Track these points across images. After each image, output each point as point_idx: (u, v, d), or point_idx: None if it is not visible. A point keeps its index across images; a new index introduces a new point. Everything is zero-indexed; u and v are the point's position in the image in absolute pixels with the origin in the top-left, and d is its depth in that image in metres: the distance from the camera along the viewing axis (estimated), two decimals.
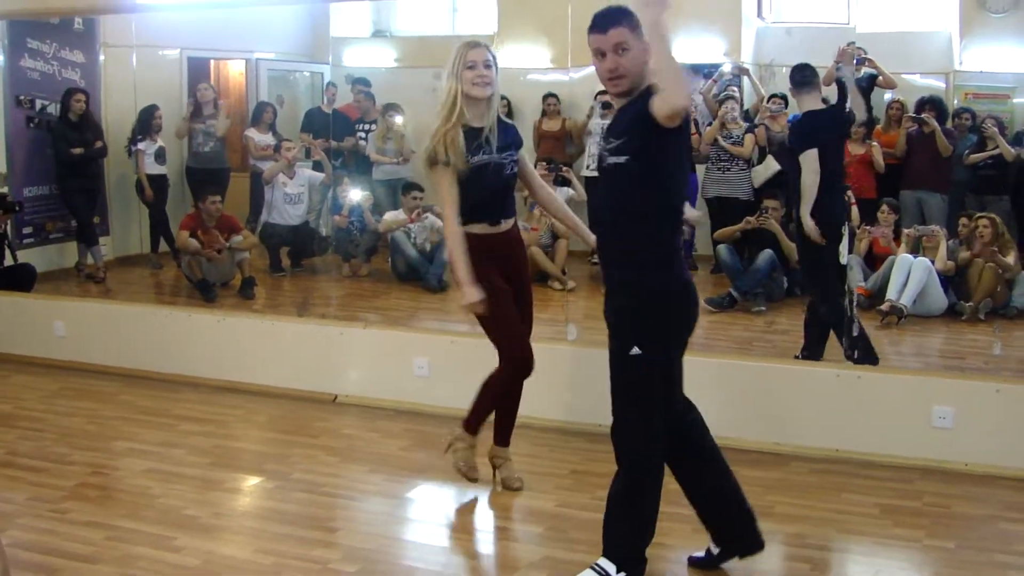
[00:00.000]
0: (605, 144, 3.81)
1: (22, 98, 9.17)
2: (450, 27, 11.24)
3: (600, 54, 3.69)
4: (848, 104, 6.68)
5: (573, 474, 5.31)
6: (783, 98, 9.08)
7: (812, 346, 6.36)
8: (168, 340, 7.19)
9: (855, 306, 6.21)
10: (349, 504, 5.01)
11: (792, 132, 6.85)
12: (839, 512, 4.82)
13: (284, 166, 9.35)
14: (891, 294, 7.60)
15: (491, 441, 5.10)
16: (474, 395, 4.94)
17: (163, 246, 9.75)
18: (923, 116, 8.44)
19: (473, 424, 4.96)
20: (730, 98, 9.21)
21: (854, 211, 7.49)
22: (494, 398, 4.93)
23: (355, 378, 6.61)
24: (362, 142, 10.18)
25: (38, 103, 9.28)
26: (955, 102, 9.08)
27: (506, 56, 10.52)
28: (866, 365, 5.98)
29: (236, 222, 9.14)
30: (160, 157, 9.67)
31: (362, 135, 10.24)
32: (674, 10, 3.49)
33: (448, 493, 5.00)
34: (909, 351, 7.31)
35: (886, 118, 8.83)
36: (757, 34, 10.21)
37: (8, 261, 8.56)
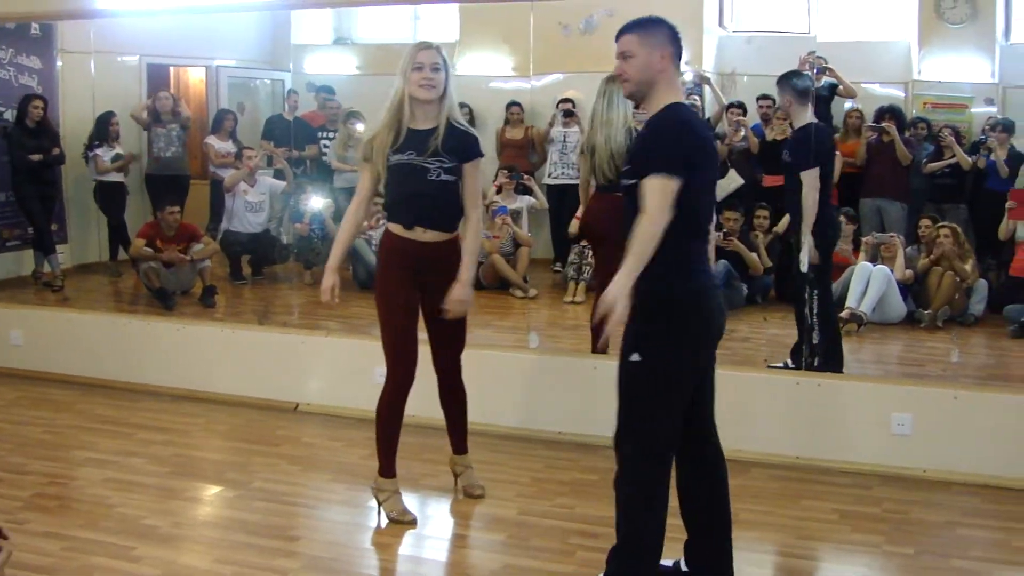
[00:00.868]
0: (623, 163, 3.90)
1: None
2: (412, 34, 11.24)
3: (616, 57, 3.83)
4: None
5: (535, 482, 5.32)
6: (741, 107, 9.16)
7: (829, 359, 6.29)
8: (127, 349, 7.14)
9: (815, 314, 6.24)
10: (310, 513, 5.00)
11: (792, 148, 6.42)
12: (799, 518, 4.85)
13: (245, 174, 9.31)
14: (851, 302, 7.65)
15: (450, 451, 5.10)
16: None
17: (122, 254, 9.68)
18: (883, 125, 8.52)
19: (384, 466, 4.80)
20: (691, 107, 9.25)
21: None
22: (385, 426, 4.74)
23: (317, 387, 6.59)
24: (325, 150, 10.16)
25: None
26: (913, 111, 9.17)
27: (468, 64, 10.57)
28: (828, 372, 6.00)
29: (196, 230, 9.07)
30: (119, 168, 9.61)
31: (326, 143, 10.22)
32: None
33: (409, 502, 4.99)
34: (868, 358, 7.37)
35: (845, 127, 8.91)
36: (718, 43, 10.28)
37: None
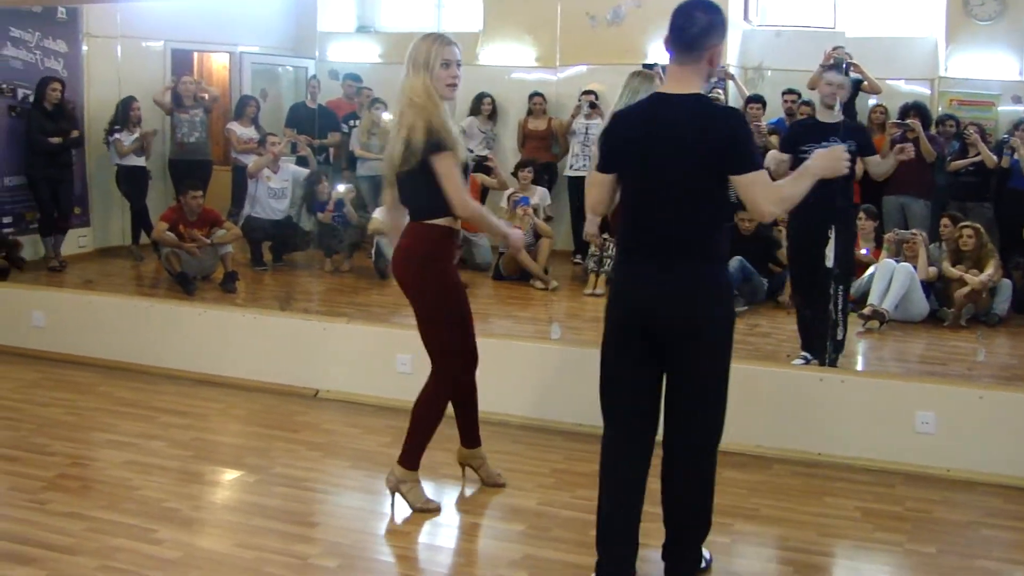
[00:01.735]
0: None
1: (4, 87, 9.12)
2: (435, 23, 11.22)
3: None
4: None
5: (554, 473, 5.30)
6: (760, 100, 9.14)
7: (810, 347, 6.34)
8: (148, 332, 7.15)
9: (840, 310, 6.21)
10: (329, 499, 4.99)
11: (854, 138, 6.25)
12: (821, 515, 4.82)
13: (269, 160, 9.32)
14: (873, 299, 7.63)
15: (460, 445, 5.03)
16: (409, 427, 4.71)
17: (144, 238, 9.71)
18: (908, 121, 8.45)
19: (416, 460, 4.72)
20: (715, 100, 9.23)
21: None
22: (434, 421, 4.69)
23: (337, 373, 6.58)
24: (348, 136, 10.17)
25: (20, 92, 9.22)
26: (939, 108, 9.11)
27: (491, 54, 10.55)
28: (846, 368, 5.98)
29: (218, 216, 9.09)
30: (139, 148, 9.63)
31: (346, 130, 10.22)
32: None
33: (429, 490, 4.98)
34: (891, 356, 7.33)
35: (869, 123, 8.85)
36: (743, 37, 10.23)
37: None
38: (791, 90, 9.14)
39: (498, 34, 10.61)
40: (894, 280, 7.64)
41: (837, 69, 6.54)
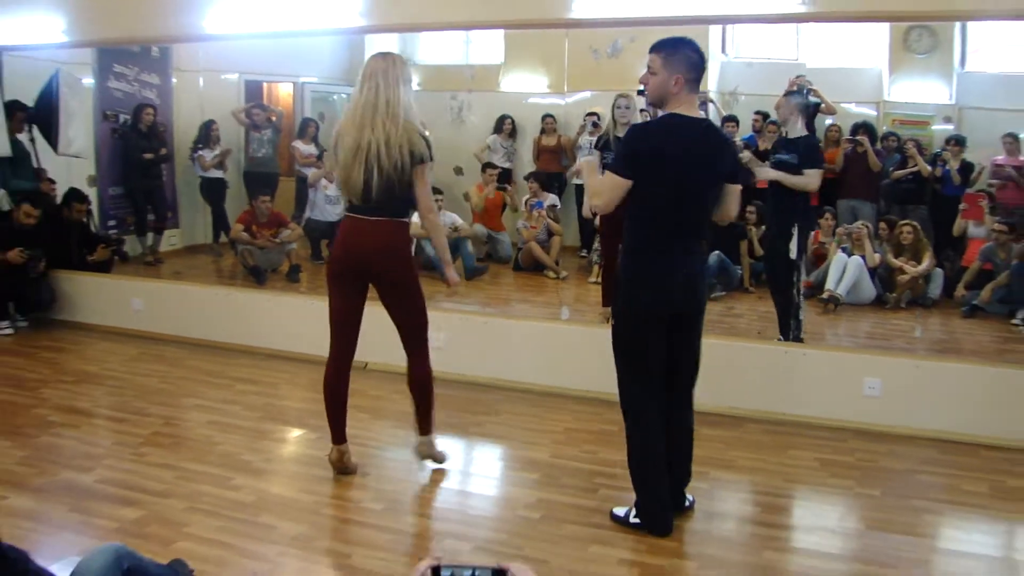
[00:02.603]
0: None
1: (108, 113, 9.13)
2: (464, 57, 11.18)
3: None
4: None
5: (565, 431, 5.30)
6: (734, 120, 9.12)
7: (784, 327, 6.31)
8: (227, 315, 7.17)
9: (801, 295, 6.19)
10: (377, 453, 5.00)
11: (802, 151, 6.19)
12: (786, 465, 4.82)
13: (326, 172, 9.31)
14: (829, 285, 7.60)
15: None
16: (421, 403, 4.64)
17: (223, 237, 9.73)
18: (858, 138, 8.48)
19: (431, 424, 4.71)
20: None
21: None
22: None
23: (383, 349, 6.55)
24: None
25: (121, 117, 9.24)
26: (884, 127, 9.08)
27: (511, 82, 10.50)
28: (805, 343, 5.96)
29: (284, 218, 9.11)
30: (219, 163, 9.65)
31: None
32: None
33: (459, 446, 4.99)
34: (844, 333, 7.30)
35: (826, 139, 8.80)
36: (721, 67, 10.18)
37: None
38: (758, 111, 9.13)
39: (517, 65, 10.56)
40: (847, 270, 7.61)
41: (799, 94, 6.51)
